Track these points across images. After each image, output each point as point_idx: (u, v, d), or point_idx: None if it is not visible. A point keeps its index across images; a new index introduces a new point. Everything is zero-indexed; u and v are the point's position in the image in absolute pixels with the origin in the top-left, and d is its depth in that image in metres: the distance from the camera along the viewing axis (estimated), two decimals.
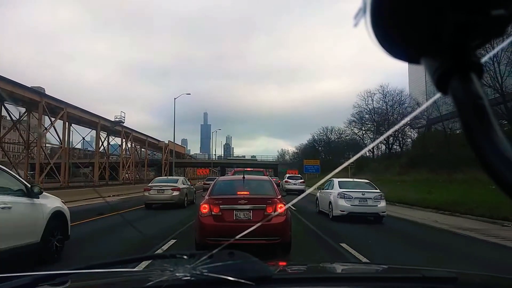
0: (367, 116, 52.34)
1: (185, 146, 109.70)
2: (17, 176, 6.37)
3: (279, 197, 7.19)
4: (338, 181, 13.55)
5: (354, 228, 11.36)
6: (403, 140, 49.34)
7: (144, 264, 3.19)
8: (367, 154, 51.49)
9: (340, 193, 12.58)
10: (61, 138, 42.33)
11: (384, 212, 12.60)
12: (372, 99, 51.13)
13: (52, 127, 40.45)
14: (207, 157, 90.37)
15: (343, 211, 12.35)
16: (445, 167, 28.46)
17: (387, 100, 49.82)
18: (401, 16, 0.43)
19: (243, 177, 7.65)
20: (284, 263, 2.04)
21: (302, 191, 28.83)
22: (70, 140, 54.23)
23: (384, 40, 0.45)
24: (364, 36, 0.46)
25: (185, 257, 1.13)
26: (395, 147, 50.34)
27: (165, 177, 26.78)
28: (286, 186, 28.43)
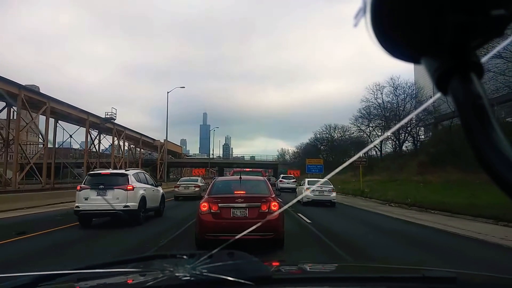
0: (374, 111, 47.39)
1: (182, 146, 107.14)
2: (150, 176, 14.21)
3: (273, 196, 7.61)
4: (307, 180, 22.06)
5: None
6: (417, 136, 43.92)
7: (144, 264, 3.17)
8: (374, 153, 48.25)
9: (308, 186, 20.01)
10: (44, 135, 38.59)
11: (335, 199, 19.19)
12: (382, 93, 46.18)
13: (41, 125, 37.56)
14: (205, 157, 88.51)
15: (309, 199, 18.60)
16: None
17: (398, 93, 44.66)
18: (401, 16, 0.43)
19: (240, 178, 8.26)
20: (284, 263, 2.04)
21: (294, 189, 30.78)
22: (62, 138, 50.98)
23: (384, 40, 0.45)
24: (363, 37, 0.45)
25: (185, 257, 1.13)
26: (408, 144, 45.39)
27: (188, 177, 32.97)
28: (280, 185, 32.55)
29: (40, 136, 38.63)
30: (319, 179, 23.36)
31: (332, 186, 19.63)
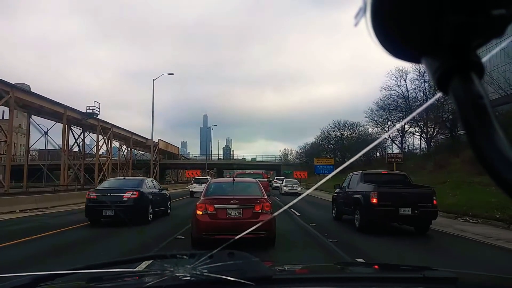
0: (395, 103, 42.23)
1: (178, 147, 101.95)
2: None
3: (265, 197, 8.04)
4: (285, 180, 35.50)
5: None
6: (456, 129, 33.39)
7: (144, 264, 3.18)
8: (400, 150, 41.93)
9: (284, 184, 33.19)
10: (7, 132, 32.50)
11: (301, 192, 28.90)
12: (405, 79, 40.76)
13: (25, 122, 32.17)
14: (206, 159, 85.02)
15: (285, 191, 31.26)
16: None
17: (426, 79, 37.90)
18: (401, 16, 0.44)
19: (233, 180, 9.03)
20: (284, 264, 2.04)
21: None
22: (45, 138, 44.93)
23: (384, 39, 0.45)
24: (363, 39, 0.44)
25: (185, 257, 1.13)
26: (439, 138, 38.54)
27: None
28: (274, 184, 40.72)
29: (4, 133, 32.10)
30: (294, 179, 37.67)
31: (299, 183, 34.08)
